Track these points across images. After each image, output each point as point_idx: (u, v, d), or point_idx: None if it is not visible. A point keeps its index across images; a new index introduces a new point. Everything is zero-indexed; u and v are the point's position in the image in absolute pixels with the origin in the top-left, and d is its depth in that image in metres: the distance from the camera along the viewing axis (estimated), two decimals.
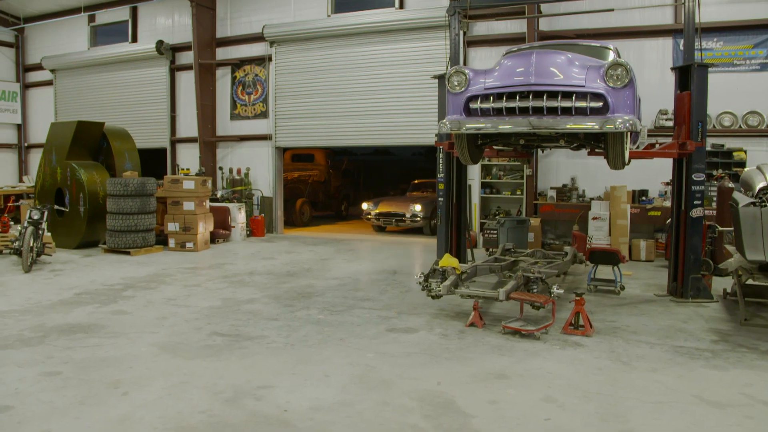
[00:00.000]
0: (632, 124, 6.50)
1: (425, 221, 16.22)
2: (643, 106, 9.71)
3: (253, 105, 17.02)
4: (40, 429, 4.40)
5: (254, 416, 4.64)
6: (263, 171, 16.97)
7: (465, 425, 4.48)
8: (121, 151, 14.27)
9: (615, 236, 12.13)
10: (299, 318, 7.54)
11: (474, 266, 8.47)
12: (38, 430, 4.38)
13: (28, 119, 21.34)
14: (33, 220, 10.76)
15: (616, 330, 6.99)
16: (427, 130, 13.76)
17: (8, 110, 20.83)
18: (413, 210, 16.18)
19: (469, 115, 7.18)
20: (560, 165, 13.71)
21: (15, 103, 21.02)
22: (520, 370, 5.68)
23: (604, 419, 4.57)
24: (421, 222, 16.20)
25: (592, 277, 9.17)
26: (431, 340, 6.63)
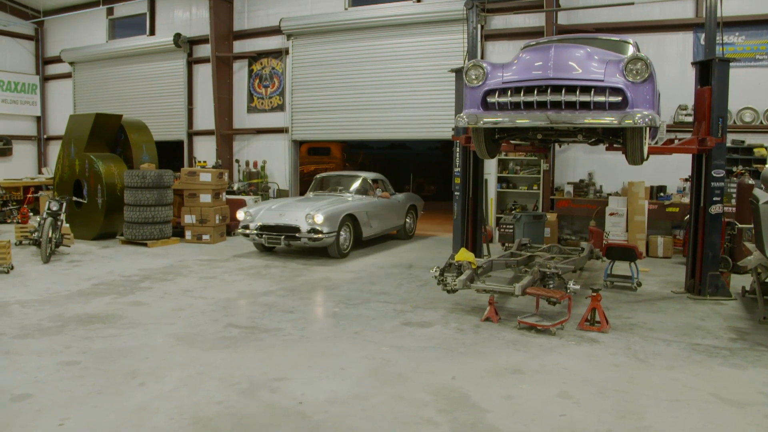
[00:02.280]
0: (651, 119, 6.44)
1: (331, 238, 10.92)
2: (662, 102, 9.61)
3: (269, 98, 17.05)
4: (59, 417, 4.45)
5: (270, 408, 4.66)
6: (279, 164, 17.01)
7: (480, 420, 4.48)
8: (139, 143, 14.37)
9: (632, 232, 12.04)
10: (315, 311, 7.57)
11: (490, 261, 8.44)
12: (57, 418, 4.43)
13: (47, 111, 21.55)
14: (52, 212, 10.87)
15: (633, 327, 6.94)
16: (443, 124, 13.72)
17: (28, 102, 21.04)
18: (312, 221, 10.75)
19: (487, 109, 7.14)
20: (578, 160, 13.62)
21: (34, 96, 21.23)
22: (535, 365, 5.66)
23: (620, 416, 4.55)
24: (325, 239, 10.79)
25: (609, 273, 9.11)
26: (447, 334, 6.63)
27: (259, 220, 11.28)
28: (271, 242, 11.12)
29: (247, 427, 4.35)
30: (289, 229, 10.92)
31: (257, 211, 11.51)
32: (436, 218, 18.68)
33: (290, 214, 11.11)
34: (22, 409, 4.60)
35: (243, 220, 11.49)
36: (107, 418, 4.46)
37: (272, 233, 11.06)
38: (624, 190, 12.61)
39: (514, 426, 4.37)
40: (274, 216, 11.27)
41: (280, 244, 11.02)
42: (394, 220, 13.39)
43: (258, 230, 11.23)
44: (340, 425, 4.37)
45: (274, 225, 11.12)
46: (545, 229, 12.46)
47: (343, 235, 11.37)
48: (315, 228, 10.69)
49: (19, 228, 12.72)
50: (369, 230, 12.20)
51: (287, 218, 11.05)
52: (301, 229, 10.77)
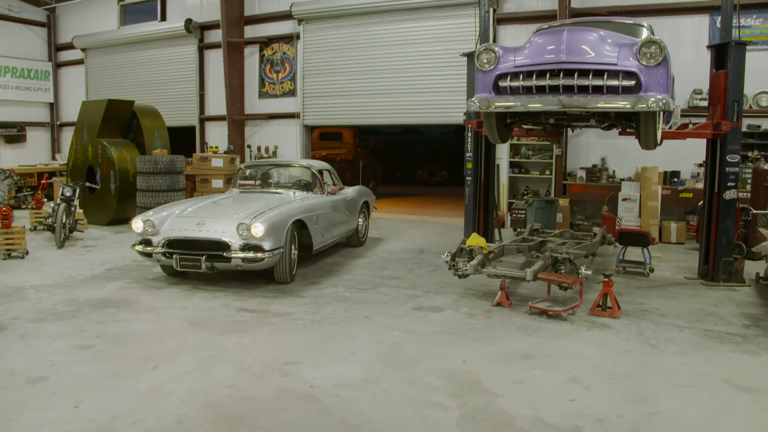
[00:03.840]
0: (665, 104, 6.36)
1: (276, 256, 7.64)
2: (676, 86, 9.50)
3: (281, 83, 17.03)
4: (74, 399, 4.51)
5: (281, 391, 4.70)
6: (291, 149, 17.01)
7: (490, 404, 4.49)
8: (151, 129, 14.42)
9: (645, 218, 11.96)
10: (326, 295, 7.59)
11: (501, 246, 8.42)
12: (72, 401, 4.49)
13: (60, 98, 21.65)
14: (65, 197, 10.95)
15: (645, 312, 6.91)
16: (455, 108, 13.64)
17: (41, 89, 21.14)
18: (247, 233, 7.51)
19: (499, 93, 7.09)
20: (590, 145, 13.52)
21: (47, 82, 21.32)
22: (546, 350, 5.65)
23: (631, 402, 4.54)
24: (268, 258, 7.53)
25: (621, 259, 9.07)
26: (457, 319, 6.63)
27: (166, 233, 7.82)
28: (185, 266, 7.56)
29: (258, 410, 4.38)
30: (213, 246, 7.55)
31: (163, 218, 8.04)
32: (447, 203, 18.66)
33: (213, 222, 7.78)
34: (38, 392, 4.66)
35: (141, 233, 7.92)
36: (121, 400, 4.51)
37: (187, 252, 7.60)
38: (637, 175, 12.52)
39: (524, 410, 4.38)
40: (188, 225, 7.80)
41: (199, 269, 7.49)
42: (346, 223, 10.27)
43: (165, 247, 7.72)
44: (351, 409, 4.40)
45: (189, 240, 7.67)
46: (557, 214, 12.41)
47: (294, 251, 8.20)
48: (252, 243, 7.44)
49: (33, 214, 12.80)
50: (320, 240, 8.96)
51: (209, 229, 7.66)
52: (232, 246, 7.46)
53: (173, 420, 4.21)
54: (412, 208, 18.03)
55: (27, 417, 4.25)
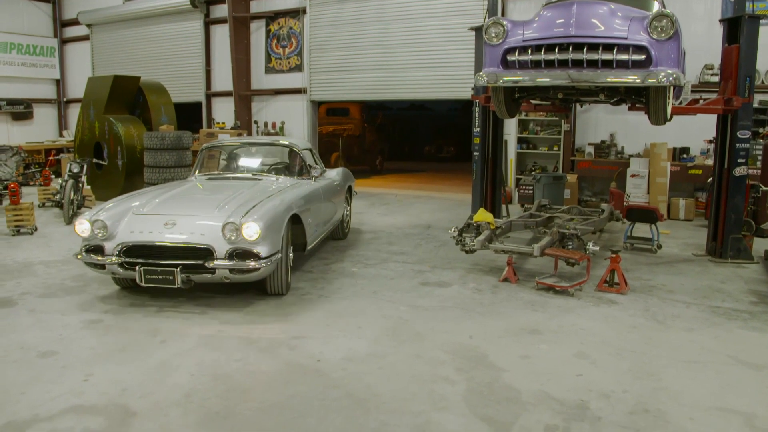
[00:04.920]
0: (676, 78, 6.28)
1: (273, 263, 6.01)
2: (687, 61, 9.37)
3: (287, 58, 16.92)
4: (84, 373, 4.56)
5: (288, 365, 4.73)
6: (298, 125, 16.95)
7: (497, 379, 4.51)
8: (157, 105, 14.37)
9: (653, 194, 11.89)
10: (333, 270, 7.61)
11: (509, 222, 8.41)
12: (82, 374, 4.54)
13: (66, 74, 21.57)
14: (73, 174, 10.97)
15: (652, 288, 6.90)
16: (463, 83, 13.52)
17: (47, 66, 21.07)
18: (236, 234, 5.83)
19: (507, 68, 7.01)
20: (599, 120, 13.40)
21: (53, 59, 21.24)
22: (553, 325, 5.66)
23: (637, 377, 4.55)
24: (264, 268, 5.88)
25: (629, 235, 9.04)
26: (464, 294, 6.65)
27: (123, 236, 6.00)
28: (153, 281, 5.82)
29: (266, 383, 4.42)
30: (190, 254, 5.84)
31: (117, 216, 6.18)
32: (454, 179, 18.58)
33: (187, 221, 6.03)
34: (49, 366, 4.71)
35: (89, 237, 6.06)
36: (130, 374, 4.56)
37: (155, 263, 5.83)
38: (646, 151, 12.42)
39: (530, 385, 4.39)
40: (153, 226, 6.02)
41: (173, 284, 5.77)
42: (335, 213, 8.69)
43: (123, 256, 5.92)
44: (358, 383, 4.43)
45: (156, 245, 5.91)
46: (565, 190, 12.35)
47: (290, 254, 6.67)
48: (244, 248, 5.78)
49: (41, 190, 12.88)
50: (313, 236, 7.48)
51: (183, 231, 5.91)
52: (216, 253, 5.78)
53: (182, 393, 4.25)
54: (419, 183, 17.98)
55: (38, 390, 4.30)
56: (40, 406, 4.06)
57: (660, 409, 4.04)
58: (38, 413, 3.97)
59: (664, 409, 4.04)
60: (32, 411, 4.00)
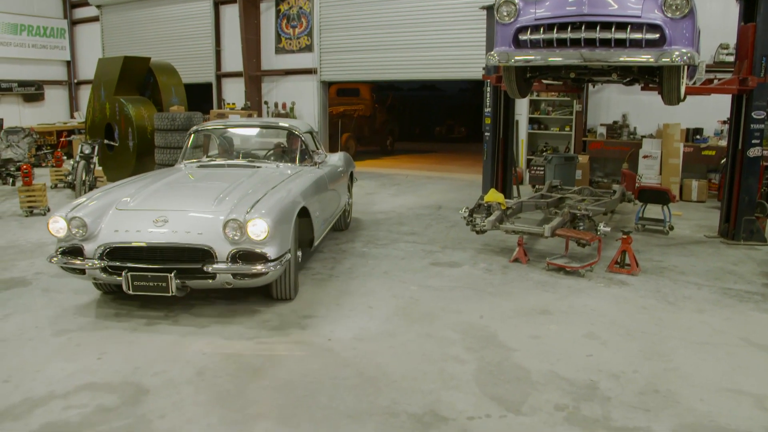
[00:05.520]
0: (690, 57, 6.20)
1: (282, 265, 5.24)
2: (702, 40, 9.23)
3: (297, 38, 16.83)
4: (98, 351, 4.64)
5: (299, 344, 4.77)
6: (308, 105, 16.91)
7: (507, 359, 4.52)
8: (168, 86, 14.36)
9: (666, 175, 11.80)
10: (344, 250, 7.62)
11: (519, 202, 8.38)
12: (96, 353, 4.62)
13: (76, 56, 21.59)
14: (84, 155, 11.02)
15: (663, 270, 6.87)
16: (474, 63, 13.41)
17: (57, 47, 21.09)
18: (241, 233, 5.08)
19: (518, 47, 6.94)
20: (611, 101, 13.28)
21: (63, 40, 21.25)
22: (563, 306, 5.66)
23: (648, 357, 4.55)
24: (272, 271, 5.12)
25: (641, 216, 8.99)
26: (475, 274, 6.65)
27: (105, 236, 5.22)
28: (143, 288, 5.07)
29: (277, 362, 4.45)
30: (185, 255, 5.14)
31: (98, 212, 5.38)
32: (465, 160, 18.53)
33: (181, 218, 5.27)
34: (63, 344, 4.78)
35: (65, 237, 5.29)
36: (142, 352, 4.61)
37: (144, 268, 5.09)
38: (659, 132, 12.31)
39: (540, 365, 4.41)
40: (140, 223, 5.25)
41: (166, 291, 5.04)
42: (339, 203, 7.97)
43: (106, 259, 5.16)
44: (369, 362, 4.45)
45: (145, 247, 5.16)
46: (576, 171, 12.27)
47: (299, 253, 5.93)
48: (249, 250, 5.09)
49: (53, 171, 12.96)
50: (320, 230, 6.75)
51: (177, 229, 5.16)
52: (216, 254, 5.06)
53: (194, 371, 4.29)
54: (429, 164, 17.94)
55: (53, 368, 4.36)
56: (56, 383, 4.12)
57: (670, 389, 4.05)
58: (54, 390, 4.03)
59: (675, 389, 4.05)
60: (48, 388, 4.06)
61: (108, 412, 3.77)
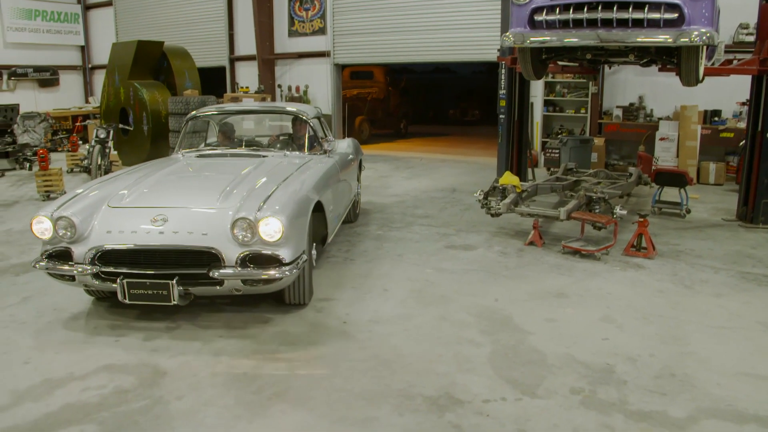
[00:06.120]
0: (709, 37, 6.10)
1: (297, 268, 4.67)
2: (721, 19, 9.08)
3: (310, 21, 16.75)
4: (116, 335, 4.67)
5: (315, 327, 4.78)
6: (322, 88, 16.86)
7: (522, 342, 4.51)
8: (181, 69, 14.36)
9: (683, 158, 11.68)
10: (358, 233, 7.63)
11: (535, 185, 8.32)
12: (114, 336, 4.66)
13: (90, 40, 21.63)
14: (99, 139, 11.06)
15: (680, 253, 6.80)
16: (488, 45, 13.31)
17: (71, 32, 21.12)
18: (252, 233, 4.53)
19: (534, 28, 6.87)
20: (627, 82, 13.12)
21: (77, 25, 21.28)
22: (579, 289, 5.64)
23: (664, 341, 4.52)
24: (287, 276, 4.56)
25: (657, 199, 8.90)
26: (490, 257, 6.63)
27: (97, 238, 4.65)
28: (141, 297, 4.55)
29: (293, 344, 4.48)
30: (191, 258, 4.60)
31: (88, 210, 4.80)
32: (479, 143, 18.43)
33: (182, 216, 4.72)
34: (81, 327, 4.84)
35: (51, 240, 4.72)
36: (160, 334, 4.65)
37: (141, 274, 4.55)
38: (676, 114, 12.16)
39: (556, 348, 4.39)
40: (136, 222, 4.69)
41: (167, 300, 4.51)
42: (350, 193, 7.50)
43: (98, 264, 4.59)
44: (384, 344, 4.46)
45: (142, 250, 4.60)
46: (592, 153, 12.17)
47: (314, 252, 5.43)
48: (260, 252, 4.56)
49: (69, 156, 13.04)
50: (333, 225, 6.26)
51: (178, 229, 4.60)
52: (224, 257, 4.52)
53: (210, 353, 4.33)
54: (444, 147, 17.86)
55: (71, 349, 4.43)
56: (75, 365, 4.17)
57: (687, 373, 4.02)
58: (72, 372, 4.08)
59: (691, 373, 4.02)
60: (66, 370, 4.11)
61: (126, 393, 3.81)
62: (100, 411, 3.61)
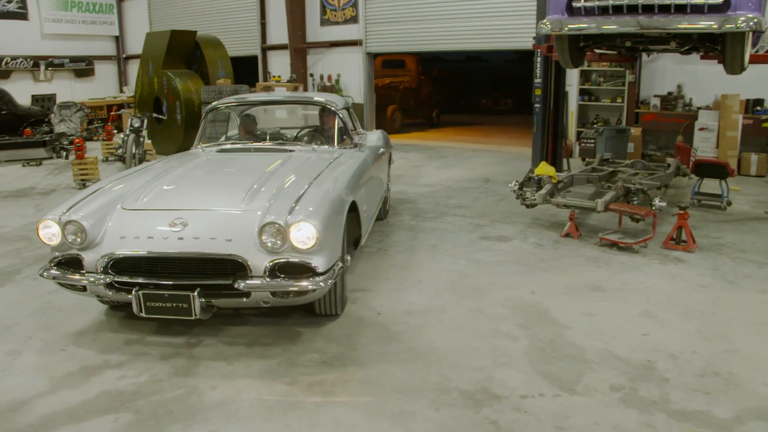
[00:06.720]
0: (757, 23, 5.86)
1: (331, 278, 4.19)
2: None
3: (342, 10, 16.67)
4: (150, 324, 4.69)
5: (349, 318, 4.75)
6: (354, 77, 16.79)
7: (559, 336, 4.42)
8: (214, 59, 14.42)
9: (723, 149, 11.37)
10: (391, 224, 7.58)
11: (571, 175, 8.17)
12: (149, 325, 4.67)
13: (125, 31, 21.87)
14: (134, 128, 11.16)
15: (721, 247, 6.61)
16: (522, 33, 13.08)
17: (106, 23, 21.38)
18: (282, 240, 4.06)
19: (572, 15, 6.69)
20: (666, 71, 12.81)
21: (112, 16, 21.53)
22: (617, 283, 5.52)
23: (706, 338, 4.39)
24: (320, 288, 4.09)
25: (696, 191, 8.68)
26: (525, 249, 6.53)
27: (109, 244, 4.23)
28: (155, 309, 4.11)
29: (327, 335, 4.45)
30: (214, 267, 4.17)
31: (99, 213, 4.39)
32: (512, 132, 18.20)
33: (203, 219, 4.26)
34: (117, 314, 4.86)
35: (58, 246, 4.32)
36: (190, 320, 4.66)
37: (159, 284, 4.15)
38: (716, 103, 11.84)
39: (594, 343, 4.30)
40: (152, 227, 4.25)
41: (189, 314, 4.06)
42: (381, 189, 7.05)
43: (111, 273, 4.18)
44: (418, 337, 4.41)
45: (159, 257, 4.17)
46: (628, 144, 11.93)
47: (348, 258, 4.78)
48: (292, 261, 4.10)
49: (104, 145, 13.21)
50: (367, 226, 5.72)
51: (199, 234, 4.15)
52: (251, 267, 4.06)
53: (244, 343, 4.32)
54: (476, 136, 17.69)
55: (107, 337, 4.47)
56: (110, 353, 4.23)
57: (731, 372, 3.89)
58: (108, 360, 4.13)
59: (736, 372, 3.89)
60: (102, 357, 4.16)
61: (161, 382, 3.83)
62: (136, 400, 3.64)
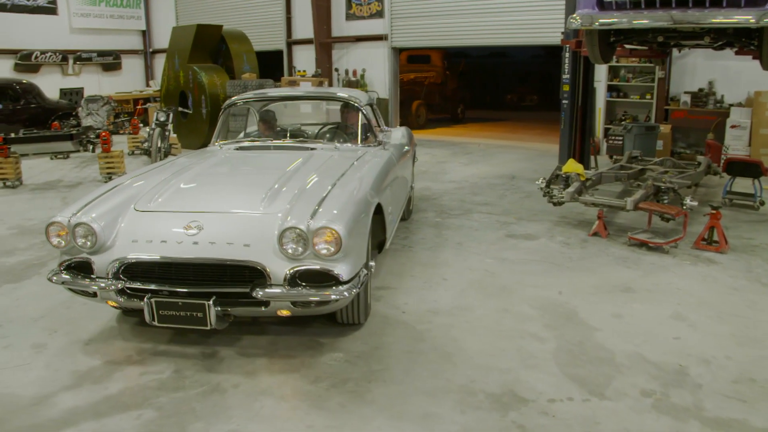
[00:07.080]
0: None
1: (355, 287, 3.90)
2: None
3: (368, 4, 16.59)
4: None
5: (373, 316, 4.69)
6: (379, 72, 16.72)
7: (588, 338, 4.33)
8: (239, 53, 14.46)
9: (756, 147, 11.11)
10: (416, 221, 7.51)
11: (599, 173, 8.02)
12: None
13: (151, 25, 22.04)
14: (159, 122, 11.21)
15: (755, 248, 6.44)
16: (549, 28, 12.90)
17: (133, 17, 21.56)
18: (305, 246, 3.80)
19: (603, 9, 6.57)
20: (697, 67, 12.54)
21: (139, 10, 21.69)
22: (647, 284, 5.39)
23: (741, 343, 4.26)
24: (343, 298, 3.82)
25: (728, 190, 8.48)
26: (552, 247, 6.43)
27: (121, 248, 4.00)
28: (169, 318, 3.87)
29: (351, 335, 4.39)
30: (230, 274, 3.90)
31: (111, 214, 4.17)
32: (538, 129, 18.01)
33: (220, 222, 4.04)
34: None
35: (67, 249, 4.13)
36: None
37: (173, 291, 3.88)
38: (749, 100, 11.57)
39: (624, 346, 4.20)
40: (166, 230, 4.02)
41: (204, 324, 3.82)
42: (406, 188, 6.82)
43: (122, 278, 3.95)
44: (444, 336, 4.35)
45: (173, 263, 3.93)
46: (657, 141, 11.71)
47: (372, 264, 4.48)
48: (314, 269, 3.85)
49: (130, 138, 13.31)
50: (391, 228, 5.55)
51: (215, 238, 3.91)
52: (270, 274, 3.81)
53: (266, 341, 4.29)
54: (501, 132, 17.53)
55: (129, 333, 4.46)
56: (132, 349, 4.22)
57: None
58: (131, 355, 4.12)
59: None
60: (125, 353, 4.16)
61: (183, 379, 3.81)
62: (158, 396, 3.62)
